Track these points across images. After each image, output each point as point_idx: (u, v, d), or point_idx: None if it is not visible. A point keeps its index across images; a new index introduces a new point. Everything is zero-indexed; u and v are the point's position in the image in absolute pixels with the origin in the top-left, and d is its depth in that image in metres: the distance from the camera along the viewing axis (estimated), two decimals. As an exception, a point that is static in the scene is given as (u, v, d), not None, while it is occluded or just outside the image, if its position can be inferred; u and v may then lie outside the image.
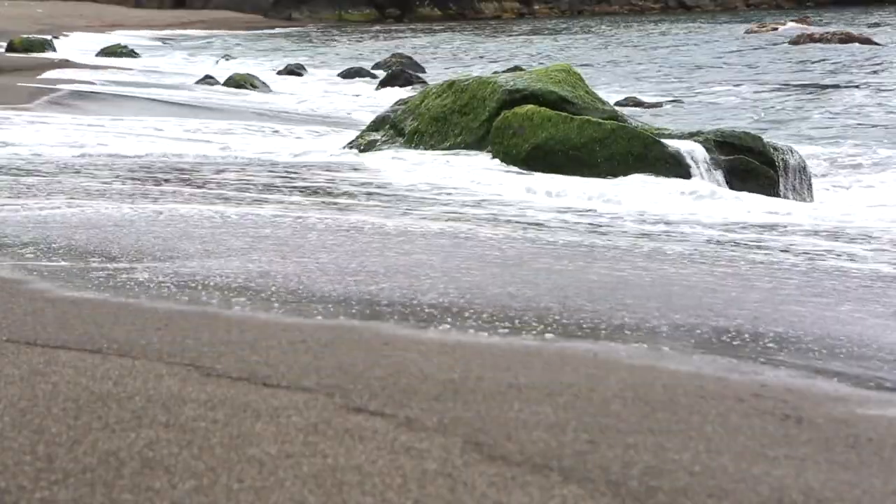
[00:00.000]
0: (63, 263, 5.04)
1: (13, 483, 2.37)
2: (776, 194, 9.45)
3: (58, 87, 17.68)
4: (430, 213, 7.50)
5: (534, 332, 4.09)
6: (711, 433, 2.90)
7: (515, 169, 9.59)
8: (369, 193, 8.37)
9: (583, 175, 9.38)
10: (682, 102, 20.11)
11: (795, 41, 35.32)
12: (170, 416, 2.83)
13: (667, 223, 7.57)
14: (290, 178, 9.00)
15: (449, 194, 8.49)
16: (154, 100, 16.88)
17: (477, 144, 10.28)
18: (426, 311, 4.34)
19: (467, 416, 2.93)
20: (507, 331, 4.08)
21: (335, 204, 7.69)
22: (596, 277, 5.33)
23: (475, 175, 9.34)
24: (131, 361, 3.35)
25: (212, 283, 4.67)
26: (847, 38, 33.92)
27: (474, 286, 4.84)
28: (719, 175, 9.54)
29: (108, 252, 5.33)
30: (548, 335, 4.04)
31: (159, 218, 6.52)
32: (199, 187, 8.17)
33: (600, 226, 7.39)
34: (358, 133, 11.66)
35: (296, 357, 3.46)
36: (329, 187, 8.63)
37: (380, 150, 10.85)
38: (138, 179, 8.51)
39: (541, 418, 2.93)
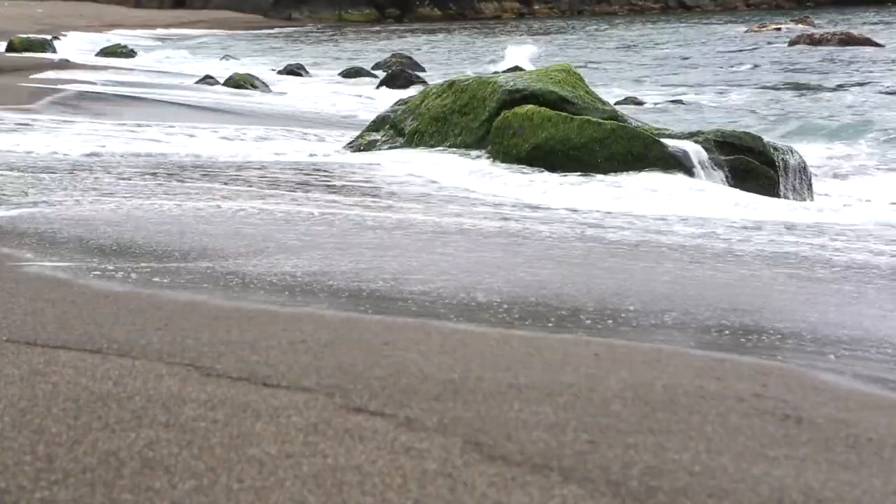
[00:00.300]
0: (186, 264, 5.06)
1: (13, 483, 2.37)
2: (776, 194, 9.45)
3: (58, 87, 17.64)
4: (480, 213, 7.62)
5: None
6: (711, 433, 2.90)
7: (537, 170, 9.55)
8: (397, 194, 8.40)
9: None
10: (682, 102, 20.10)
11: (795, 41, 35.33)
12: (170, 416, 2.83)
13: (705, 223, 7.58)
14: (325, 177, 9.06)
15: (495, 196, 8.51)
16: (163, 101, 16.84)
17: (477, 144, 10.28)
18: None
19: (467, 416, 2.93)
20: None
21: (376, 204, 7.77)
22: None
23: (505, 177, 9.34)
24: (131, 361, 3.35)
25: (330, 285, 4.68)
26: (847, 39, 33.93)
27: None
28: (720, 175, 9.54)
29: (225, 250, 5.40)
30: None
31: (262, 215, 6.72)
32: (274, 187, 8.32)
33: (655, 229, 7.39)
34: (357, 133, 11.66)
35: (296, 357, 3.46)
36: (362, 186, 8.69)
37: (380, 150, 10.85)
38: (206, 178, 8.66)
39: (541, 418, 2.93)
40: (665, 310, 4.67)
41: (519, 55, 27.94)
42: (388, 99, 16.83)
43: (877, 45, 33.37)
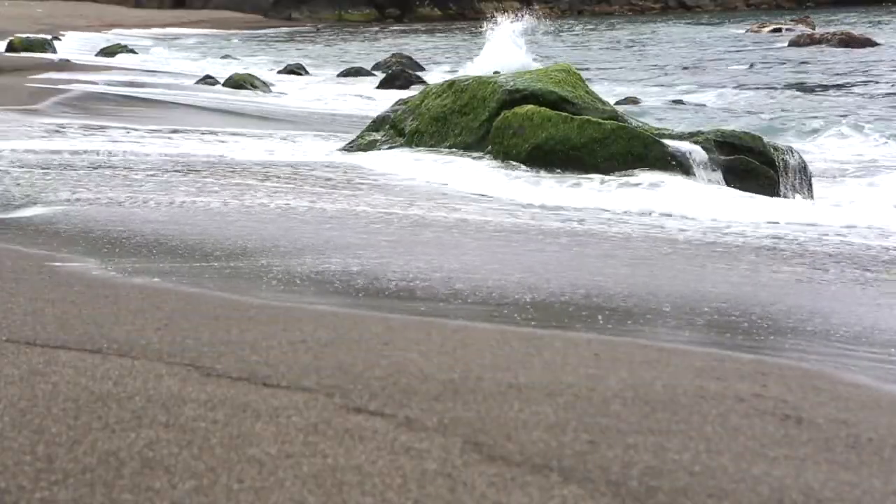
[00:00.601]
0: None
1: (13, 483, 2.37)
2: (776, 194, 9.45)
3: (62, 87, 17.64)
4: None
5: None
6: (711, 433, 2.90)
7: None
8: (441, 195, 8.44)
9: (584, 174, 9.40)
10: (682, 102, 20.10)
11: (795, 41, 35.34)
12: (170, 416, 2.83)
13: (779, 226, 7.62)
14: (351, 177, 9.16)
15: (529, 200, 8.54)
16: (172, 103, 16.83)
17: (477, 144, 10.28)
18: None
19: (467, 416, 2.93)
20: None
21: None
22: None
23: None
24: (131, 361, 3.35)
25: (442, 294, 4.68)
26: (847, 39, 33.94)
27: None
28: (719, 175, 9.55)
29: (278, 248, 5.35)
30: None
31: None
32: (334, 188, 8.46)
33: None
34: (357, 134, 11.66)
35: (296, 357, 3.46)
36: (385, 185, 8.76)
37: (380, 150, 10.85)
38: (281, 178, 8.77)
39: (541, 418, 2.93)
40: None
41: (509, 30, 25.49)
42: (387, 99, 16.82)
43: (877, 45, 33.37)
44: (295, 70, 28.20)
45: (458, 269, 5.49)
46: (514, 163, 9.72)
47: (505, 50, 23.84)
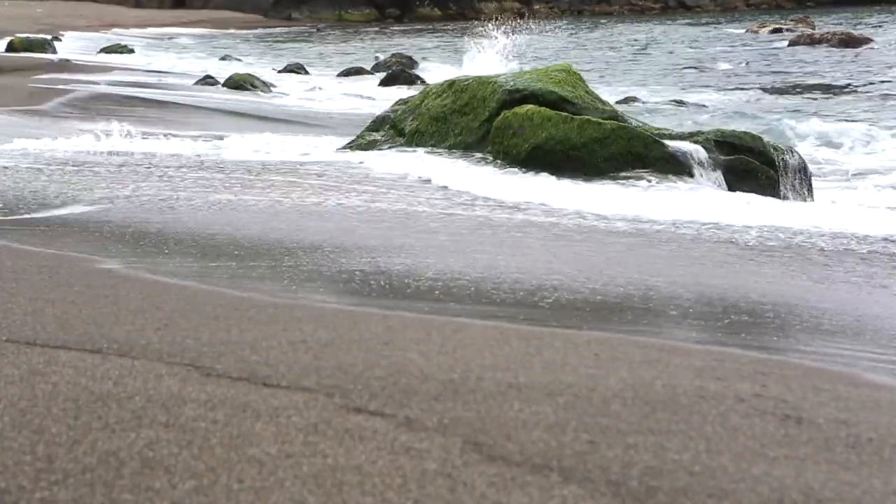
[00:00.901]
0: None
1: (13, 483, 2.37)
2: (776, 195, 9.46)
3: (60, 87, 17.64)
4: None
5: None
6: (711, 433, 2.90)
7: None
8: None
9: (583, 175, 9.40)
10: (682, 102, 20.09)
11: (795, 41, 35.32)
12: (170, 416, 2.83)
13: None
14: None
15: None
16: (175, 103, 16.82)
17: (477, 144, 10.28)
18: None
19: (467, 416, 2.93)
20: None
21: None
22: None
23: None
24: (131, 361, 3.35)
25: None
26: (847, 39, 33.93)
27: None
28: (719, 175, 9.55)
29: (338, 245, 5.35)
30: None
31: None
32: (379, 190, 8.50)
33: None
34: (357, 134, 11.65)
35: (296, 357, 3.46)
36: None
37: (380, 149, 10.84)
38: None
39: (541, 418, 2.93)
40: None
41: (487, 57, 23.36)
42: (388, 99, 16.81)
43: (877, 45, 33.36)
44: (295, 70, 28.20)
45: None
46: (514, 163, 9.70)
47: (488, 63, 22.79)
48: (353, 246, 6.11)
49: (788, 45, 35.04)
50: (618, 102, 16.32)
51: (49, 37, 36.51)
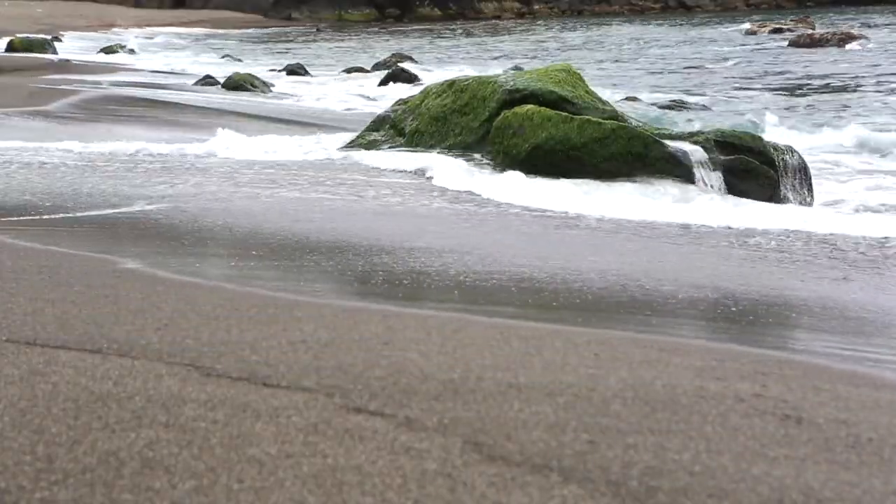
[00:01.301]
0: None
1: (13, 483, 2.37)
2: (776, 195, 9.45)
3: (62, 87, 17.63)
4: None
5: None
6: (711, 433, 2.90)
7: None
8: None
9: (583, 175, 9.40)
10: (682, 102, 20.08)
11: (795, 41, 35.32)
12: (170, 416, 2.83)
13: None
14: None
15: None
16: (177, 104, 16.80)
17: (477, 144, 10.28)
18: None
19: (467, 416, 2.93)
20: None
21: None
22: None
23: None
24: (131, 361, 3.35)
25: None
26: (847, 39, 33.92)
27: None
28: (719, 175, 9.54)
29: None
30: None
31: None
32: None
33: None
34: (357, 133, 11.65)
35: (296, 357, 3.46)
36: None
37: (380, 149, 10.84)
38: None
39: (541, 418, 2.93)
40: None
41: None
42: (387, 98, 16.81)
43: (877, 45, 33.36)
44: (295, 70, 28.19)
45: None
46: (514, 163, 9.70)
47: None
48: (353, 246, 6.11)
49: (788, 45, 35.04)
50: (618, 102, 16.33)
51: (49, 37, 36.52)
